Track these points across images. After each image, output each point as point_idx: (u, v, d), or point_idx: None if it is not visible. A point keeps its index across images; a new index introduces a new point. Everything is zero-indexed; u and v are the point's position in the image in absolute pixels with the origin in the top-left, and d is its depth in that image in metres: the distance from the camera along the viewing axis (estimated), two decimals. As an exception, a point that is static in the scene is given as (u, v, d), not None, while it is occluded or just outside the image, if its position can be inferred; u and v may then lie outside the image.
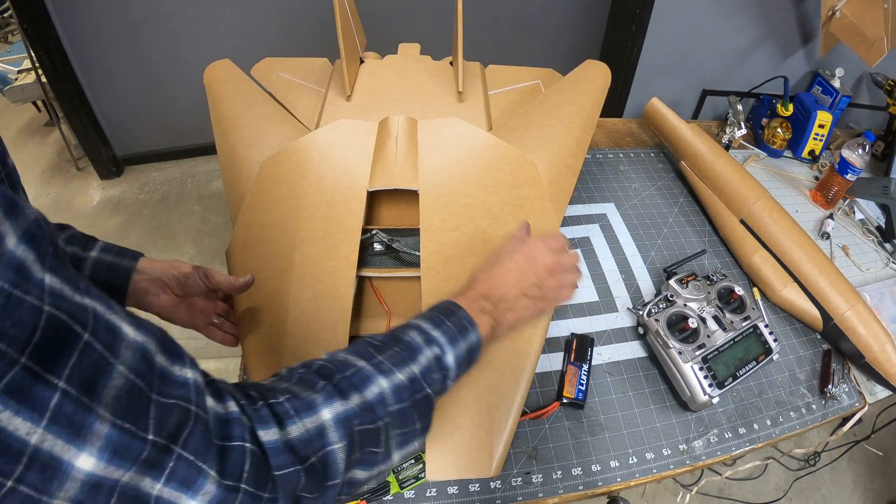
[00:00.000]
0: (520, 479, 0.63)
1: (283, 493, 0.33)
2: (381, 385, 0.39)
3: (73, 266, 0.50)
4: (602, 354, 0.76)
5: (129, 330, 0.26)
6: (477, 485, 0.62)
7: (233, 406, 0.32)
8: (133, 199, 2.09)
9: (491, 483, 0.62)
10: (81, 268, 0.55)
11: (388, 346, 0.43)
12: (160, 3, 1.82)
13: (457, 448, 0.56)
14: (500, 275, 0.52)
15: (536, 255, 0.54)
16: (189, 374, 0.29)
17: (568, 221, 0.92)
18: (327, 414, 0.36)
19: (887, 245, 1.02)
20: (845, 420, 0.79)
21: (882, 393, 0.81)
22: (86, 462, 0.23)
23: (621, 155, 1.10)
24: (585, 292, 0.83)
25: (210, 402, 0.31)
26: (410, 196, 0.70)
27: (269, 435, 0.33)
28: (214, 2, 1.86)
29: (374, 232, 0.70)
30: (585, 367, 0.71)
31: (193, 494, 0.28)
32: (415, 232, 0.70)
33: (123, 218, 2.01)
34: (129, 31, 1.87)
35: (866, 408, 0.78)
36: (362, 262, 0.67)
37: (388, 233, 0.70)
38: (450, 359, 0.44)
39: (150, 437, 0.26)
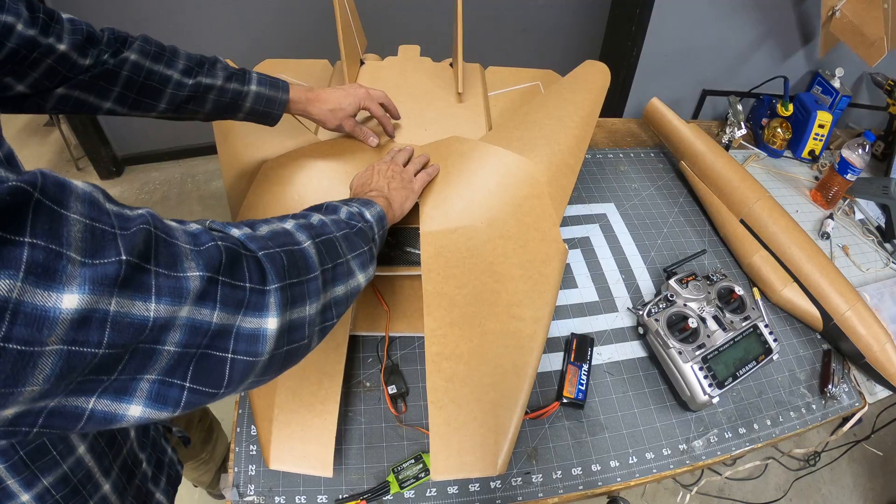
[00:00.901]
0: (520, 479, 0.63)
1: (270, 276, 0.35)
2: (319, 217, 0.47)
3: (235, 98, 0.68)
4: (602, 354, 0.76)
5: (76, 183, 0.27)
6: (477, 484, 0.62)
7: (194, 226, 0.34)
8: (133, 199, 2.09)
9: (491, 483, 0.62)
10: (243, 100, 0.67)
11: (316, 209, 0.51)
12: (160, 4, 1.82)
13: (461, 447, 0.56)
14: (365, 179, 0.67)
15: (380, 167, 0.69)
16: (141, 210, 0.30)
17: (568, 221, 0.92)
18: (289, 224, 0.43)
19: (887, 245, 1.02)
20: (845, 420, 0.79)
21: (882, 393, 0.81)
22: (69, 301, 0.24)
23: (621, 155, 1.10)
24: (585, 292, 0.83)
25: (172, 223, 0.32)
26: (410, 196, 0.70)
27: (241, 232, 0.38)
28: (215, 2, 1.86)
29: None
30: (585, 367, 0.71)
31: (184, 301, 0.29)
32: (414, 230, 0.70)
33: (124, 218, 2.01)
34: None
35: (866, 408, 0.78)
36: (362, 262, 0.67)
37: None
38: (367, 214, 0.53)
39: (123, 257, 0.26)
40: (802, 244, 0.84)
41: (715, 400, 0.68)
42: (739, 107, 1.12)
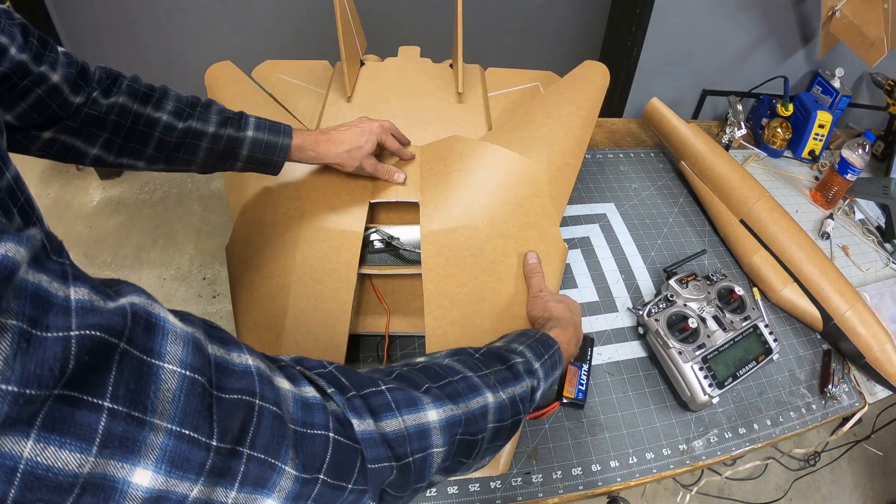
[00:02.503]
0: (520, 479, 0.63)
1: (373, 486, 0.32)
2: (487, 399, 0.40)
3: (230, 146, 0.60)
4: (602, 354, 0.76)
5: (173, 321, 0.24)
6: (477, 485, 0.62)
7: (310, 391, 0.30)
8: (133, 199, 2.09)
9: (491, 483, 0.62)
10: (239, 147, 0.61)
11: (492, 363, 0.44)
12: (161, 4, 1.82)
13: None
14: (575, 319, 0.61)
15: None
16: (249, 360, 0.27)
17: (568, 221, 0.92)
18: (434, 416, 0.35)
19: (887, 245, 1.02)
20: (845, 420, 0.79)
21: (882, 393, 0.81)
22: (142, 477, 0.21)
23: (621, 155, 1.10)
24: (585, 292, 0.83)
25: (284, 385, 0.28)
26: (410, 196, 0.70)
27: (363, 425, 0.31)
28: (215, 3, 1.86)
29: (374, 229, 0.70)
30: (585, 367, 0.71)
31: (269, 493, 0.26)
32: (414, 229, 0.70)
33: (123, 218, 2.01)
34: (130, 32, 1.87)
35: (866, 408, 0.78)
36: (362, 260, 0.67)
37: (387, 230, 0.70)
38: (539, 392, 0.47)
39: (214, 442, 0.23)
40: (802, 244, 0.84)
41: (715, 400, 0.68)
42: (739, 107, 1.12)
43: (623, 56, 1.41)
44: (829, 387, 0.77)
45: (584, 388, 0.69)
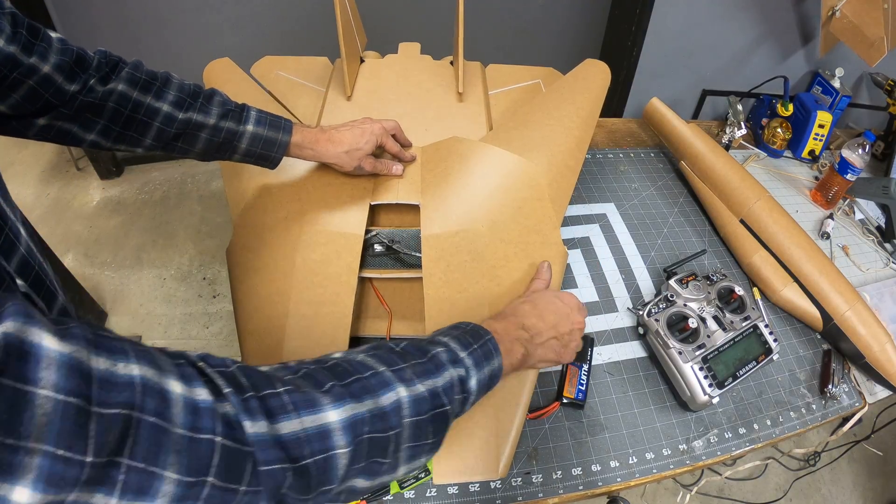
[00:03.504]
0: (520, 479, 0.63)
1: (267, 489, 0.31)
2: (399, 393, 0.38)
3: (229, 138, 0.60)
4: (602, 354, 0.76)
5: (50, 343, 0.24)
6: (477, 485, 0.62)
7: (202, 393, 0.29)
8: (133, 199, 2.09)
9: (491, 483, 0.62)
10: (238, 140, 0.60)
11: (411, 355, 0.42)
12: (160, 3, 1.82)
13: (462, 451, 0.56)
14: (543, 312, 0.56)
15: (572, 309, 0.58)
16: (135, 370, 0.27)
17: (568, 221, 0.92)
18: (334, 416, 0.34)
19: (887, 245, 1.02)
20: (845, 420, 0.79)
21: (882, 393, 0.81)
22: (21, 494, 0.22)
23: (621, 155, 1.10)
24: (585, 292, 0.83)
25: (175, 388, 0.28)
26: (410, 196, 0.70)
27: (255, 427, 0.31)
28: (215, 1, 1.86)
29: (374, 233, 0.70)
30: (585, 367, 0.71)
31: (152, 498, 0.26)
32: (415, 233, 0.70)
33: (123, 218, 2.01)
34: (130, 31, 1.86)
35: (866, 408, 0.78)
36: (363, 263, 0.67)
37: (388, 234, 0.70)
38: (472, 382, 0.44)
39: (89, 458, 0.24)
40: (802, 244, 0.84)
41: (715, 400, 0.68)
42: (739, 107, 1.12)
43: (623, 56, 1.41)
44: (829, 387, 0.77)
45: (584, 388, 0.69)
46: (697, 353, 0.70)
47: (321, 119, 0.84)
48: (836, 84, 1.24)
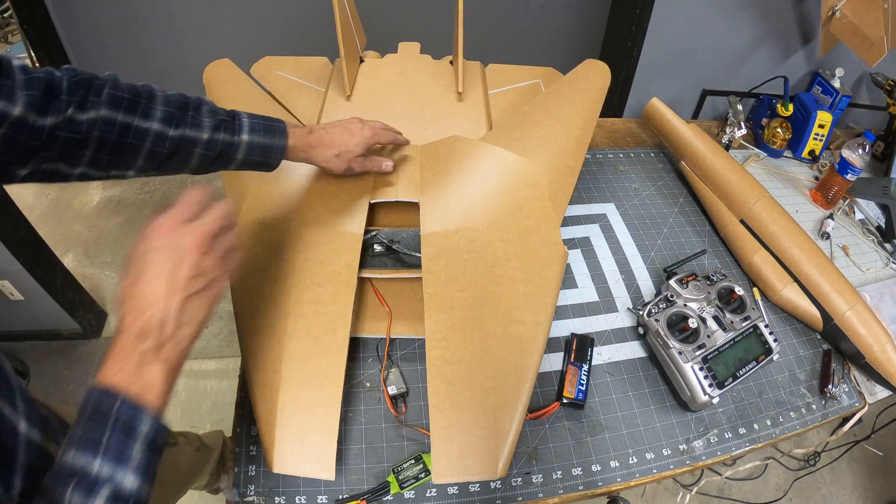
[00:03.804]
0: (520, 479, 0.63)
1: None
2: None
3: (225, 150, 0.56)
4: (602, 354, 0.76)
5: None
6: (477, 485, 0.62)
7: None
8: (133, 199, 2.09)
9: (491, 483, 0.62)
10: (234, 151, 0.58)
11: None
12: (160, 3, 1.82)
13: (462, 451, 0.56)
14: (148, 294, 0.40)
15: (174, 239, 0.42)
16: None
17: (568, 221, 0.92)
18: None
19: (887, 245, 1.02)
20: (845, 420, 0.79)
21: (882, 393, 0.81)
22: None
23: (621, 155, 1.10)
24: (585, 292, 0.83)
25: None
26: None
27: None
28: (214, 1, 1.85)
29: (374, 233, 0.70)
30: (585, 367, 0.71)
31: None
32: (415, 233, 0.70)
33: (123, 218, 2.01)
34: (129, 31, 1.86)
35: (866, 408, 0.78)
36: (363, 263, 0.67)
37: (388, 234, 0.70)
38: (128, 480, 0.35)
39: None
40: (802, 244, 0.84)
41: (715, 400, 0.68)
42: (739, 107, 1.12)
43: (623, 56, 1.40)
44: (829, 387, 0.77)
45: (584, 388, 0.69)
46: (697, 353, 0.70)
47: (321, 119, 0.84)
48: (836, 84, 1.24)
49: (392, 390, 0.66)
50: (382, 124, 0.71)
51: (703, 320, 0.73)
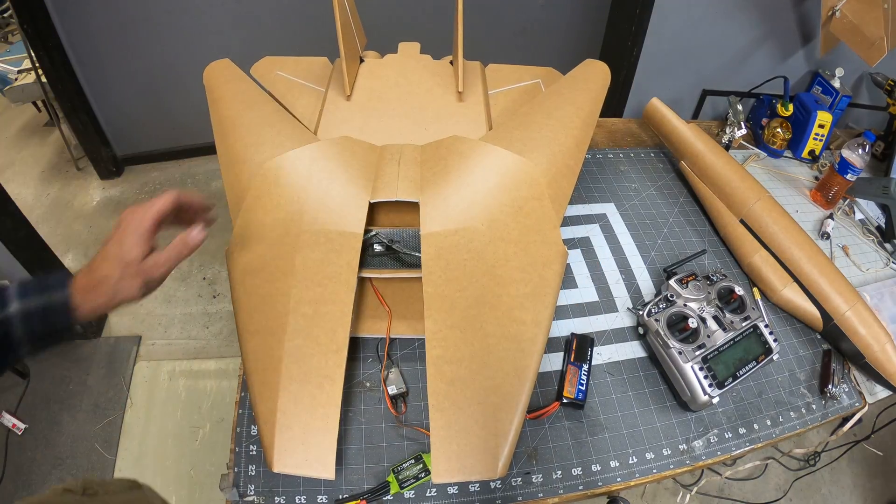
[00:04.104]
0: (520, 479, 0.63)
1: None
2: None
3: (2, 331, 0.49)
4: (602, 354, 0.76)
5: None
6: (477, 485, 0.62)
7: None
8: (133, 199, 2.09)
9: (491, 483, 0.62)
10: (10, 332, 0.47)
11: None
12: (160, 3, 1.82)
13: (462, 450, 0.56)
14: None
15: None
16: None
17: (568, 221, 0.92)
18: None
19: (887, 245, 1.02)
20: (845, 420, 0.79)
21: (882, 393, 0.81)
22: None
23: (621, 155, 1.10)
24: (585, 292, 0.83)
25: None
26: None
27: None
28: (214, 1, 1.86)
29: (374, 233, 0.70)
30: (585, 367, 0.71)
31: None
32: (415, 232, 0.70)
33: (123, 218, 2.01)
34: (130, 31, 1.87)
35: (866, 408, 0.78)
36: (362, 263, 0.67)
37: (388, 233, 0.70)
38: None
39: None
40: (802, 244, 0.84)
41: (715, 400, 0.68)
42: (739, 107, 1.12)
43: (623, 56, 1.40)
44: (829, 387, 0.77)
45: (584, 388, 0.69)
46: (697, 353, 0.70)
47: (321, 119, 0.84)
48: (836, 84, 1.24)
49: (392, 390, 0.66)
50: (169, 196, 0.54)
51: (703, 320, 0.73)
